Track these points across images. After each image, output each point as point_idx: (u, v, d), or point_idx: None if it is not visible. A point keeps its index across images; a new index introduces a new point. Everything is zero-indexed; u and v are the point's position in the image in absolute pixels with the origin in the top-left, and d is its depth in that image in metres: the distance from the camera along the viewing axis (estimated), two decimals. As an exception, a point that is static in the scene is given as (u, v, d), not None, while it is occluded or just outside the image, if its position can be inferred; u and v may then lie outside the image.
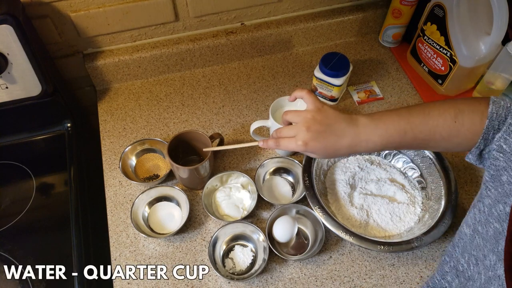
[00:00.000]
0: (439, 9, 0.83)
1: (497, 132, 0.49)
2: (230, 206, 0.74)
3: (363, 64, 1.00)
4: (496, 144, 0.48)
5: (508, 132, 0.47)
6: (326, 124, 0.54)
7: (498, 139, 0.48)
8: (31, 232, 0.74)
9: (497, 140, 0.48)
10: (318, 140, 0.54)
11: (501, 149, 0.47)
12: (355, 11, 1.00)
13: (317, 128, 0.54)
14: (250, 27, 0.96)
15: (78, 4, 0.80)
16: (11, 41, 0.68)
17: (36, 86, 0.76)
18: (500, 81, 0.86)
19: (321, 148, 0.54)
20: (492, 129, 0.49)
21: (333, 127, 0.54)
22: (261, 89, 0.95)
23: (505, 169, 0.46)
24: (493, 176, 0.48)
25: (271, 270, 0.68)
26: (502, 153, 0.47)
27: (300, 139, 0.54)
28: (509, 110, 0.49)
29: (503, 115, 0.49)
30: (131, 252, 0.71)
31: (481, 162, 0.53)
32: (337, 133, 0.54)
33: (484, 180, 0.50)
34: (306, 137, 0.54)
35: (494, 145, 0.49)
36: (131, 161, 0.80)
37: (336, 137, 0.54)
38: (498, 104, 0.50)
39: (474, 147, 0.51)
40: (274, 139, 0.58)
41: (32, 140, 0.87)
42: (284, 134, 0.57)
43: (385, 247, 0.65)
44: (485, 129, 0.49)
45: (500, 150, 0.47)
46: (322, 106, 0.56)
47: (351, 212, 0.72)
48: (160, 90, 0.95)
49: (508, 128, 0.47)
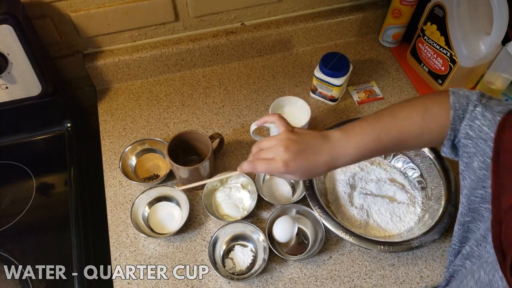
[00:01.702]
0: (439, 9, 0.83)
1: (462, 121, 0.50)
2: (230, 206, 0.74)
3: (363, 64, 1.00)
4: (463, 132, 0.50)
5: (471, 118, 0.49)
6: (303, 143, 0.54)
7: (464, 127, 0.50)
8: (31, 232, 0.74)
9: (463, 128, 0.50)
10: (298, 160, 0.52)
11: (468, 136, 0.49)
12: (355, 11, 1.00)
13: (295, 148, 0.53)
14: (250, 27, 0.96)
15: (78, 4, 0.80)
16: (11, 41, 0.68)
17: (36, 86, 0.76)
18: (500, 81, 0.85)
19: (301, 167, 0.53)
20: (458, 119, 0.51)
21: (310, 144, 0.54)
22: (261, 89, 0.95)
23: (475, 155, 0.48)
24: (467, 164, 0.50)
25: (271, 270, 0.68)
26: (469, 139, 0.49)
27: (280, 160, 0.52)
28: (468, 98, 0.51)
29: (464, 103, 0.50)
30: (131, 252, 0.71)
31: (456, 155, 0.55)
32: (315, 150, 0.53)
33: (459, 171, 0.51)
34: (285, 157, 0.52)
35: (461, 133, 0.50)
36: (131, 161, 0.80)
37: (315, 155, 0.53)
38: (457, 94, 0.52)
39: (446, 139, 0.52)
40: (249, 162, 0.55)
41: (32, 140, 0.87)
42: (262, 156, 0.55)
43: (385, 247, 0.65)
44: (452, 120, 0.51)
45: (467, 137, 0.49)
46: (293, 128, 0.57)
47: (351, 212, 0.72)
48: (160, 90, 0.95)
49: (471, 114, 0.49)
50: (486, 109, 0.48)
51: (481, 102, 0.50)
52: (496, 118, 0.46)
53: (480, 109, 0.49)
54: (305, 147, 0.53)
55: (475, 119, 0.49)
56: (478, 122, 0.48)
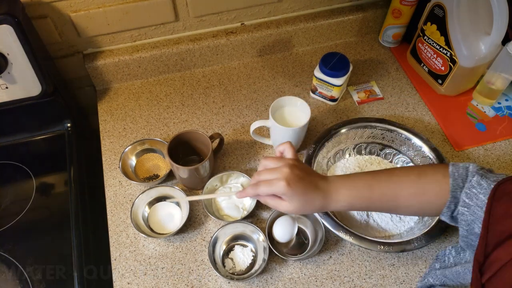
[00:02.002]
0: (439, 9, 0.83)
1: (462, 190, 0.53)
2: (230, 206, 0.74)
3: (363, 64, 1.00)
4: (461, 201, 0.52)
5: (469, 187, 0.52)
6: (305, 172, 0.56)
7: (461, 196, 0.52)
8: (31, 232, 0.74)
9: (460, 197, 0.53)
10: (299, 183, 0.53)
11: (465, 204, 0.52)
12: (355, 11, 1.00)
13: (299, 173, 0.54)
14: (250, 27, 0.96)
15: (78, 4, 0.80)
16: (11, 41, 0.68)
17: (36, 86, 0.76)
18: (500, 81, 0.86)
19: (300, 192, 0.54)
20: (458, 187, 0.53)
21: (311, 177, 0.56)
22: (261, 89, 0.95)
23: (474, 222, 0.50)
24: (468, 231, 0.52)
25: (271, 270, 0.68)
26: (466, 207, 0.51)
27: (284, 178, 0.53)
28: (467, 169, 0.54)
29: (464, 174, 0.54)
30: (131, 252, 0.71)
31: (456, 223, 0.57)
32: (314, 183, 0.55)
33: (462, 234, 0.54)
34: (289, 176, 0.53)
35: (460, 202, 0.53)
36: (131, 161, 0.80)
37: (314, 187, 0.55)
38: (457, 166, 0.55)
39: (446, 207, 0.55)
40: (252, 185, 0.56)
41: (32, 140, 0.87)
42: (264, 177, 0.55)
43: (385, 247, 0.65)
44: (452, 187, 0.53)
45: (464, 205, 0.52)
46: (300, 159, 0.59)
47: (351, 212, 0.72)
48: (160, 90, 0.95)
49: (469, 184, 0.52)
50: (482, 178, 0.51)
51: (478, 172, 0.53)
52: (490, 187, 0.49)
53: (476, 178, 0.52)
54: (307, 176, 0.55)
55: (472, 187, 0.51)
56: (475, 190, 0.51)
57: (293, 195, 0.53)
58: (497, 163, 0.82)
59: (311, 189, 0.55)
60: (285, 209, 0.55)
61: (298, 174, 0.54)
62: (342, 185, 0.56)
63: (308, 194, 0.54)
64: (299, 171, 0.54)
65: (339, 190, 0.56)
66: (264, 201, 0.57)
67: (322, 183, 0.56)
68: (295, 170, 0.54)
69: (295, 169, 0.54)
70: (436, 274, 0.59)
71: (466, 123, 0.88)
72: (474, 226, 0.50)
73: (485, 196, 0.49)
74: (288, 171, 0.53)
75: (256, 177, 0.56)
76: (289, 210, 0.55)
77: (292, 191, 0.53)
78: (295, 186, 0.53)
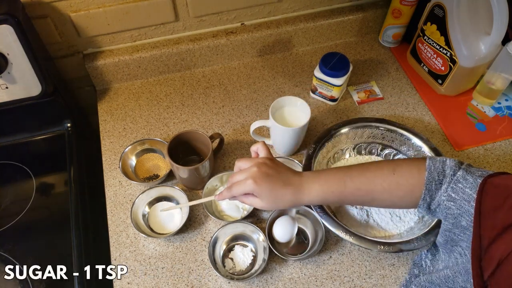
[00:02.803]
0: (439, 9, 0.83)
1: (438, 183, 0.54)
2: (230, 206, 0.74)
3: (363, 64, 1.00)
4: (445, 195, 0.53)
5: (454, 181, 0.53)
6: (275, 170, 0.58)
7: (445, 190, 0.53)
8: (31, 232, 0.74)
9: (444, 191, 0.53)
10: (266, 181, 0.56)
11: (450, 198, 0.53)
12: (355, 11, 1.00)
13: (266, 170, 0.57)
14: (250, 27, 0.96)
15: (78, 4, 0.80)
16: (11, 41, 0.68)
17: (36, 86, 0.75)
18: (500, 81, 0.86)
19: (267, 188, 0.56)
20: (433, 180, 0.54)
21: (281, 174, 0.58)
22: (261, 89, 0.95)
23: (461, 215, 0.51)
24: (454, 224, 0.53)
25: (271, 270, 0.68)
26: (452, 201, 0.52)
27: (250, 177, 0.56)
28: (445, 163, 0.55)
29: (440, 167, 0.55)
30: (131, 252, 0.71)
31: (434, 215, 0.58)
32: (283, 180, 0.57)
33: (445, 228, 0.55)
34: (256, 174, 0.56)
35: (442, 197, 0.54)
36: (131, 161, 0.80)
37: (283, 183, 0.57)
38: (434, 159, 0.56)
39: (421, 200, 0.55)
40: (227, 188, 0.59)
41: (32, 140, 0.87)
42: (236, 179, 0.58)
43: (385, 247, 0.65)
44: (426, 180, 0.54)
45: (450, 199, 0.53)
46: (273, 157, 0.61)
47: (351, 212, 0.72)
48: (160, 90, 0.95)
49: (451, 178, 0.53)
50: (468, 173, 0.52)
51: (461, 167, 0.54)
52: (477, 181, 0.50)
53: (461, 173, 0.53)
54: (276, 174, 0.57)
55: (457, 182, 0.52)
56: (461, 185, 0.52)
57: (261, 192, 0.56)
58: (497, 163, 0.82)
59: (279, 186, 0.57)
60: (259, 205, 0.58)
61: (265, 172, 0.56)
62: (314, 180, 0.58)
63: (277, 190, 0.57)
64: (267, 168, 0.57)
65: (311, 185, 0.58)
66: (241, 200, 0.60)
67: (294, 179, 0.58)
68: (263, 168, 0.57)
69: (263, 167, 0.57)
70: (420, 281, 0.60)
71: (466, 123, 0.88)
72: (461, 220, 0.51)
73: (471, 190, 0.50)
74: (256, 170, 0.56)
75: (230, 179, 0.60)
76: (262, 206, 0.58)
77: (259, 188, 0.56)
78: (262, 183, 0.56)
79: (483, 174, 0.51)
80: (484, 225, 0.46)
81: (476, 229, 0.46)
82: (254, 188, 0.56)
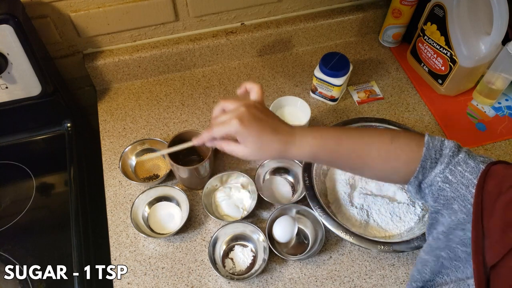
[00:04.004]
0: (439, 9, 0.83)
1: (433, 162, 0.50)
2: (230, 206, 0.74)
3: (363, 64, 1.00)
4: (441, 176, 0.50)
5: (454, 163, 0.49)
6: (267, 116, 0.52)
7: (441, 171, 0.49)
8: (31, 232, 0.74)
9: (440, 172, 0.50)
10: (254, 124, 0.50)
11: (447, 180, 0.49)
12: (355, 11, 1.00)
13: (256, 112, 0.51)
14: (250, 27, 0.96)
15: (78, 4, 0.80)
16: (11, 41, 0.68)
17: (36, 86, 0.76)
18: (500, 81, 0.86)
19: (255, 132, 0.50)
20: (429, 158, 0.50)
21: (271, 120, 0.52)
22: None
23: (454, 199, 0.48)
24: (445, 205, 0.49)
25: (271, 270, 0.68)
26: (448, 183, 0.49)
27: (236, 117, 0.49)
28: (443, 142, 0.51)
29: (438, 146, 0.51)
30: (131, 252, 0.71)
31: (422, 197, 0.54)
32: (274, 127, 0.52)
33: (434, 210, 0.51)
34: (244, 115, 0.49)
35: (438, 178, 0.50)
36: (131, 161, 0.80)
37: (272, 129, 0.51)
38: (433, 138, 0.52)
39: (413, 177, 0.52)
40: (207, 128, 0.52)
41: (32, 140, 0.87)
42: (220, 119, 0.51)
43: (385, 247, 0.65)
44: (423, 157, 0.50)
45: (446, 181, 0.49)
46: (265, 105, 0.55)
47: (351, 212, 0.72)
48: (160, 90, 0.95)
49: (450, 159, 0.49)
50: (470, 157, 0.49)
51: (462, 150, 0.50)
52: (479, 166, 0.47)
53: (463, 156, 0.49)
54: (266, 118, 0.51)
55: (457, 165, 0.49)
56: (460, 168, 0.48)
57: (247, 135, 0.50)
58: (497, 163, 0.82)
59: (268, 131, 0.51)
60: (241, 153, 0.52)
61: (255, 114, 0.50)
62: (308, 133, 0.53)
63: (264, 136, 0.50)
64: (257, 111, 0.51)
65: (304, 137, 0.52)
66: (220, 147, 0.54)
67: (286, 127, 0.53)
68: (252, 109, 0.51)
69: (253, 109, 0.51)
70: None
71: (466, 123, 0.88)
72: (453, 203, 0.48)
73: (471, 174, 0.47)
74: (244, 110, 0.50)
75: (213, 120, 0.53)
76: (244, 154, 0.52)
77: (246, 130, 0.49)
78: (249, 125, 0.49)
79: (485, 160, 0.48)
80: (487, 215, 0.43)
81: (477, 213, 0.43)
82: (239, 130, 0.49)
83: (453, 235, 0.47)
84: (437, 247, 0.49)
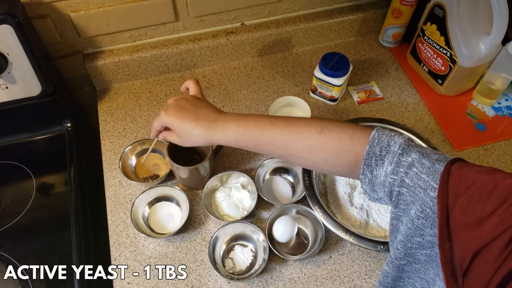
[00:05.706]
0: (439, 9, 0.83)
1: (379, 159, 0.48)
2: (230, 206, 0.74)
3: (363, 64, 1.00)
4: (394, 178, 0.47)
5: (408, 164, 0.46)
6: (193, 105, 0.58)
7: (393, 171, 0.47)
8: (31, 232, 0.74)
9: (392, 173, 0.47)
10: (177, 113, 0.57)
11: (404, 184, 0.46)
12: (355, 11, 1.00)
13: (182, 103, 0.58)
14: (250, 27, 0.96)
15: (78, 4, 0.80)
16: (11, 41, 0.68)
17: (36, 86, 0.76)
18: (500, 81, 0.86)
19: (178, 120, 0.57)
20: (373, 155, 0.48)
21: (198, 110, 0.58)
22: (261, 89, 0.95)
23: (412, 203, 0.45)
24: (405, 211, 0.47)
25: (271, 270, 0.69)
26: (406, 187, 0.46)
27: (163, 109, 0.58)
28: (392, 138, 0.49)
29: (385, 142, 0.48)
30: (131, 252, 0.71)
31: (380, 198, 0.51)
32: (197, 114, 0.58)
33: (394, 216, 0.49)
34: (169, 107, 0.58)
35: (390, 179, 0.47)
36: (131, 161, 0.80)
37: (194, 117, 0.57)
38: (382, 132, 0.50)
39: (361, 174, 0.50)
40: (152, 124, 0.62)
41: (32, 140, 0.87)
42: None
43: (385, 247, 0.65)
44: (366, 154, 0.49)
45: (402, 185, 0.46)
46: (202, 97, 0.62)
47: (351, 212, 0.72)
48: (160, 90, 0.95)
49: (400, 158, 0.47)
50: (423, 156, 0.45)
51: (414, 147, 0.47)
52: (435, 166, 0.44)
53: (416, 156, 0.46)
54: (191, 107, 0.58)
55: (411, 166, 0.45)
56: (416, 170, 0.45)
57: (172, 123, 0.57)
58: (497, 163, 0.82)
59: (191, 119, 0.57)
60: (174, 140, 0.60)
61: (181, 105, 0.58)
62: (231, 120, 0.57)
63: (187, 123, 0.57)
64: (185, 102, 0.58)
65: (227, 124, 0.56)
66: (164, 137, 0.62)
67: (211, 115, 0.58)
68: (180, 101, 0.58)
69: (181, 101, 0.58)
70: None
71: (466, 123, 0.88)
72: (411, 208, 0.45)
73: (428, 176, 0.44)
74: (172, 102, 0.58)
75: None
76: (175, 140, 0.60)
77: (171, 120, 0.57)
78: (172, 114, 0.57)
79: (440, 158, 0.45)
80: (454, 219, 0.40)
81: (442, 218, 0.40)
82: (165, 120, 0.57)
83: (411, 243, 0.45)
84: (396, 258, 0.48)
